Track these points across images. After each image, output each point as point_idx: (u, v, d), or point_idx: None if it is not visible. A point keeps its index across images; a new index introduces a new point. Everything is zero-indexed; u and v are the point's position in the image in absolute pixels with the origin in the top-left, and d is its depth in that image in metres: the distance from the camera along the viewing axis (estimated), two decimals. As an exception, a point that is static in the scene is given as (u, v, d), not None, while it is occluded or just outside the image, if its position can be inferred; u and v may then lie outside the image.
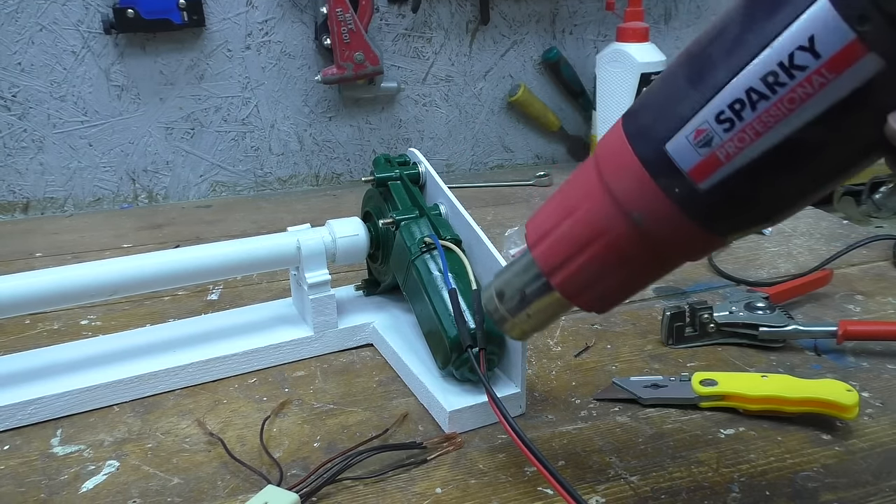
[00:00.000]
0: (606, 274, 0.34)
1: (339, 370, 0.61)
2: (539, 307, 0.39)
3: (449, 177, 1.21)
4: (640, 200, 0.31)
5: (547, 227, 0.36)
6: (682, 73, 0.30)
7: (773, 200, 0.31)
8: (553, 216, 0.36)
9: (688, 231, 0.31)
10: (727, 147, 0.28)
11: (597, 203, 0.33)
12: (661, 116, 0.30)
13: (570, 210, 0.35)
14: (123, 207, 1.09)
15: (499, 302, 0.40)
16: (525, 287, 0.38)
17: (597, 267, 0.34)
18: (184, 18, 1.00)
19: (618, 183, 0.32)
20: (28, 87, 1.00)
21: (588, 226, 0.34)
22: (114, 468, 0.49)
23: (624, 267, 0.34)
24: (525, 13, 1.19)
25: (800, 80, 0.26)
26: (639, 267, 0.34)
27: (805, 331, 0.61)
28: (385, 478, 0.47)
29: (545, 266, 0.36)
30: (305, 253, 0.60)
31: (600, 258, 0.34)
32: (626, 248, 0.33)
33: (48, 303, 0.55)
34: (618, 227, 0.32)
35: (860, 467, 0.47)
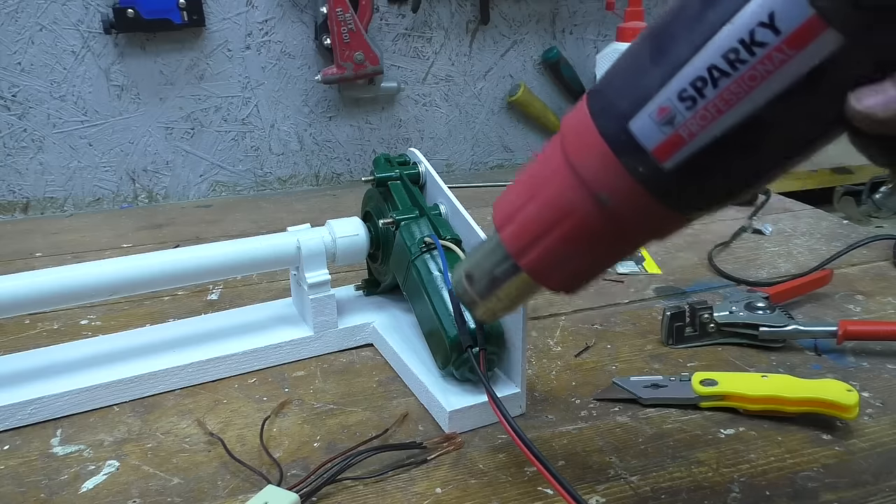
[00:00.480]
0: (574, 254, 0.34)
1: (339, 370, 0.61)
2: (508, 289, 0.38)
3: (449, 177, 1.21)
4: (605, 180, 0.31)
5: (513, 208, 0.35)
6: (645, 50, 0.30)
7: (737, 178, 0.30)
8: (519, 197, 0.35)
9: (653, 210, 0.31)
10: (690, 125, 0.28)
11: (562, 183, 0.32)
12: (625, 93, 0.30)
13: (536, 191, 0.34)
14: (123, 207, 1.09)
15: (468, 284, 0.39)
16: (493, 269, 0.38)
17: (564, 248, 0.34)
18: (184, 18, 1.00)
19: (582, 162, 0.31)
20: (28, 87, 1.00)
21: (554, 207, 0.33)
22: (114, 468, 0.49)
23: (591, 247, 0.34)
24: (525, 13, 1.19)
25: (761, 56, 0.26)
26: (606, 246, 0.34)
27: (805, 331, 0.61)
28: (385, 478, 0.47)
29: (512, 248, 0.36)
30: (305, 253, 0.60)
31: (567, 239, 0.33)
32: (593, 228, 0.32)
33: (48, 303, 0.55)
34: (584, 207, 0.32)
35: (860, 467, 0.47)
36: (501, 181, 1.15)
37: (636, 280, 0.77)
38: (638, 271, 0.79)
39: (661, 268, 0.80)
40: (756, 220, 0.93)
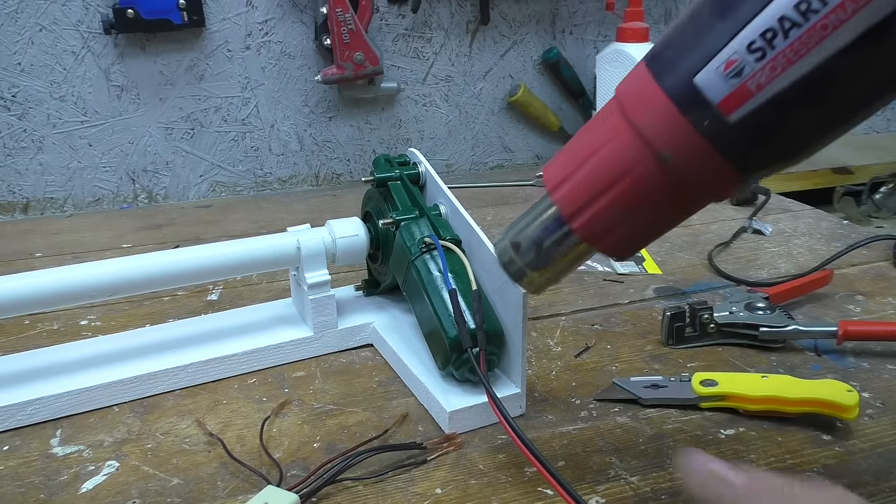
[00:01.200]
0: (630, 215, 0.33)
1: (339, 370, 0.61)
2: (558, 255, 0.37)
3: (449, 177, 1.21)
4: (669, 137, 0.30)
5: (568, 170, 0.35)
6: (707, 9, 0.30)
7: (801, 133, 0.30)
8: (574, 159, 0.34)
9: (715, 166, 0.31)
10: (758, 77, 0.28)
11: (622, 142, 0.32)
12: (689, 51, 0.30)
13: (593, 151, 0.33)
14: (123, 207, 1.09)
15: (514, 253, 0.38)
16: (544, 235, 0.37)
17: (620, 208, 0.33)
18: (184, 18, 1.00)
19: (644, 120, 0.31)
20: (28, 87, 1.00)
21: (613, 165, 0.33)
22: (113, 468, 0.49)
23: (648, 207, 0.33)
24: (525, 13, 1.19)
25: (832, 6, 0.26)
26: (663, 207, 0.33)
27: (805, 331, 0.61)
28: (385, 478, 0.47)
29: (566, 210, 0.35)
30: (305, 253, 0.60)
31: (624, 198, 0.33)
32: (652, 186, 0.32)
33: (48, 303, 0.55)
34: (644, 165, 0.32)
35: (861, 468, 0.47)
36: (501, 181, 1.15)
37: (636, 280, 0.77)
38: (638, 271, 0.79)
39: (661, 268, 0.80)
40: (756, 220, 0.93)
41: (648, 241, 0.36)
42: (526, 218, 0.38)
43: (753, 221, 0.92)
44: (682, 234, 0.90)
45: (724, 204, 1.01)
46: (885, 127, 1.49)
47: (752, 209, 0.96)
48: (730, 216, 0.96)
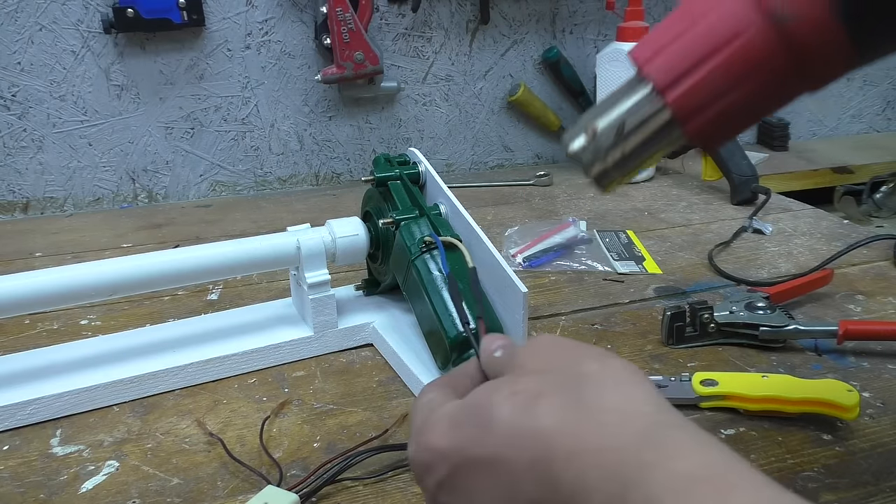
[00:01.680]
0: (732, 87, 0.31)
1: (339, 370, 0.61)
2: (642, 137, 0.34)
3: (449, 177, 1.21)
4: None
5: (665, 39, 0.32)
6: None
7: None
8: (673, 28, 0.32)
9: (831, 32, 0.29)
10: None
11: (732, 5, 0.30)
12: None
13: (697, 18, 0.31)
14: (123, 207, 1.09)
15: (589, 138, 0.35)
16: (629, 112, 0.34)
17: (723, 77, 0.31)
18: (183, 18, 1.00)
19: None
20: (28, 87, 1.00)
21: (720, 29, 0.30)
22: (113, 468, 0.49)
23: (753, 78, 0.31)
24: (525, 13, 1.19)
25: None
26: (768, 80, 0.31)
27: (805, 331, 0.61)
28: (385, 478, 0.47)
29: (662, 79, 0.32)
30: (305, 253, 0.60)
31: (729, 65, 0.31)
32: (761, 52, 0.30)
33: (48, 303, 0.55)
34: (756, 26, 0.30)
35: (861, 468, 0.47)
36: (501, 181, 1.15)
37: (636, 280, 0.77)
38: (638, 271, 0.79)
39: (661, 268, 0.80)
40: (756, 219, 0.93)
41: (741, 127, 0.34)
42: (607, 101, 0.35)
43: (754, 221, 0.92)
44: (682, 233, 0.90)
45: (724, 203, 1.01)
46: (886, 126, 1.49)
47: (753, 209, 0.96)
48: (730, 216, 0.96)
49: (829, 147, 1.37)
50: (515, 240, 0.86)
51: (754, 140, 1.40)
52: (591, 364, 0.28)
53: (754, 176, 1.00)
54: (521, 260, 0.81)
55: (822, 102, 1.42)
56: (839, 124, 1.45)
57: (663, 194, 1.07)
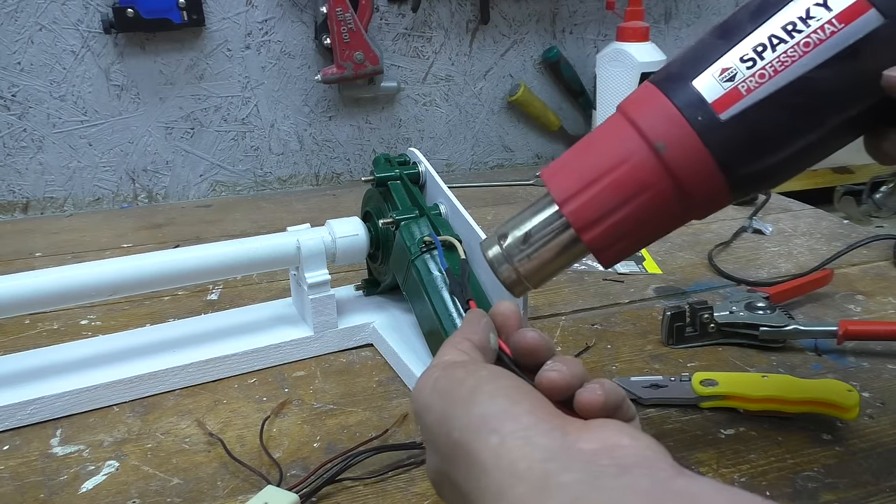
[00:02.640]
0: (622, 203, 0.35)
1: (339, 370, 0.61)
2: (556, 263, 0.38)
3: (449, 177, 1.21)
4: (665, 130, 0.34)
5: (580, 183, 0.36)
6: (709, 35, 0.35)
7: (784, 140, 0.34)
8: (586, 173, 0.36)
9: (707, 169, 0.33)
10: (748, 82, 0.33)
11: (642, 157, 0.34)
12: (689, 63, 0.34)
13: (609, 168, 0.35)
14: (123, 207, 1.09)
15: (508, 259, 0.40)
16: (535, 224, 0.38)
17: (613, 194, 0.35)
18: (183, 18, 1.00)
19: (645, 119, 0.34)
20: (28, 87, 1.00)
21: (632, 181, 0.35)
22: (113, 468, 0.49)
23: (641, 197, 0.35)
24: (525, 13, 1.19)
25: (814, 27, 0.32)
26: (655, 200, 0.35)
27: (805, 331, 0.61)
28: (385, 478, 0.47)
29: (578, 223, 0.36)
30: (305, 253, 0.60)
31: (619, 184, 0.35)
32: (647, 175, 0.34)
33: (48, 303, 0.55)
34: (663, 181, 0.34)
35: (861, 468, 0.47)
36: (501, 181, 1.15)
37: (636, 280, 0.77)
38: (638, 271, 0.79)
39: (661, 268, 0.80)
40: (756, 220, 0.93)
41: (633, 246, 0.38)
42: (519, 215, 0.39)
43: (753, 221, 0.92)
44: (682, 233, 0.90)
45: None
46: (886, 126, 1.49)
47: (753, 209, 0.96)
48: (730, 216, 0.96)
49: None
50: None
51: (754, 140, 1.40)
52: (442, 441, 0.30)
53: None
54: (521, 260, 0.81)
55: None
56: (839, 124, 1.44)
57: (663, 194, 1.06)
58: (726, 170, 0.34)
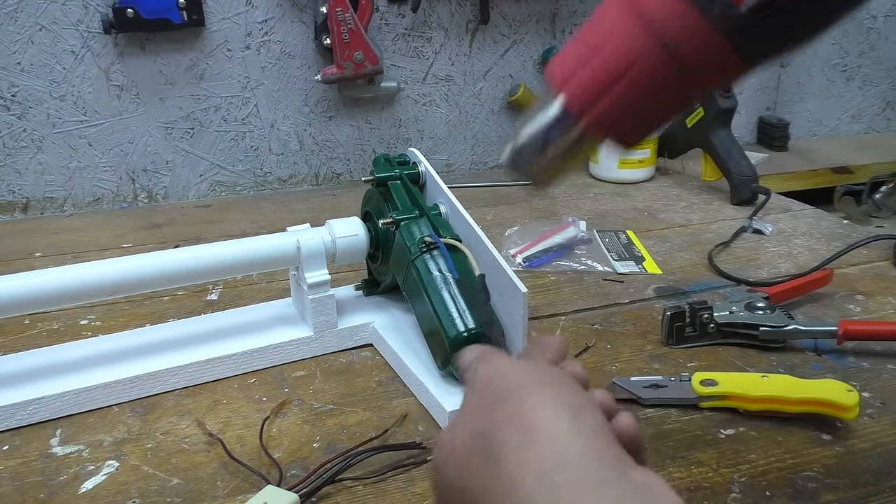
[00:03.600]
0: (617, 78, 0.35)
1: (338, 370, 0.61)
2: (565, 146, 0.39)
3: (449, 177, 1.21)
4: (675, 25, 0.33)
5: (574, 65, 0.36)
6: None
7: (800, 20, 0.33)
8: (581, 53, 0.36)
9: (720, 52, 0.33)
10: None
11: (628, 35, 0.34)
12: None
13: (600, 46, 0.35)
14: (123, 207, 1.09)
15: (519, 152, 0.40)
16: (550, 129, 0.38)
17: (606, 71, 0.35)
18: (183, 18, 1.00)
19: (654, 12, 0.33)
20: (28, 87, 1.00)
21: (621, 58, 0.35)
22: (113, 468, 0.49)
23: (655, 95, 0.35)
24: (525, 13, 1.19)
25: None
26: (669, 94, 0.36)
27: (805, 331, 0.61)
28: (385, 478, 0.47)
29: (575, 105, 0.37)
30: (305, 253, 0.60)
31: (631, 89, 0.35)
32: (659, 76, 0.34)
33: (48, 303, 0.55)
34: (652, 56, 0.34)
35: (861, 468, 0.47)
36: (501, 181, 1.15)
37: (636, 280, 0.77)
38: (638, 271, 0.79)
39: (661, 268, 0.80)
40: (756, 219, 0.93)
41: (659, 127, 0.38)
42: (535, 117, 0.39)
43: (753, 221, 0.92)
44: (682, 233, 0.90)
45: (724, 204, 1.01)
46: (886, 126, 1.49)
47: (752, 209, 0.96)
48: (730, 216, 0.96)
49: (829, 147, 1.37)
50: (515, 240, 0.86)
51: (754, 140, 1.40)
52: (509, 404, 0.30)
53: (754, 176, 1.00)
54: (520, 260, 0.81)
55: (823, 102, 1.42)
56: (839, 124, 1.45)
57: (663, 194, 1.07)
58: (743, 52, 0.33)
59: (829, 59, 1.40)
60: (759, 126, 1.39)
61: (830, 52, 1.40)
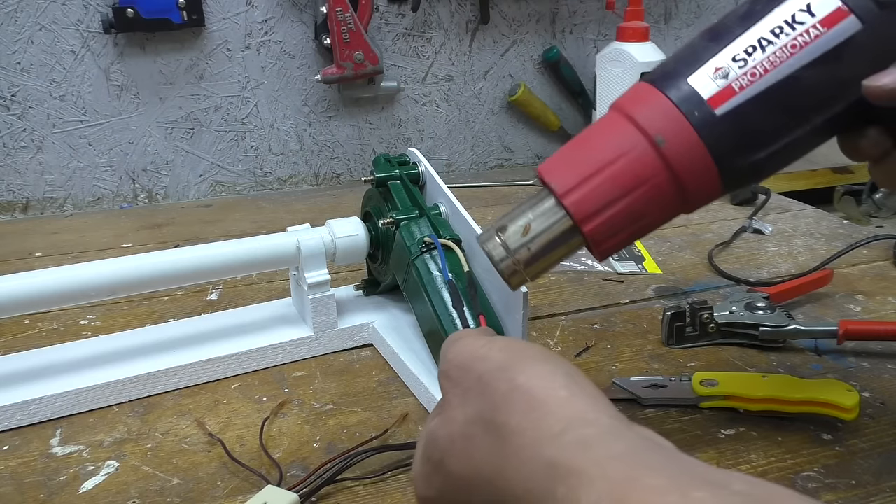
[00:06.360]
0: (621, 195, 0.36)
1: (338, 370, 0.61)
2: (555, 255, 0.39)
3: (449, 177, 1.21)
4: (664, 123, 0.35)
5: (580, 176, 0.37)
6: (700, 38, 0.37)
7: (774, 135, 0.36)
8: (585, 166, 0.37)
9: (701, 158, 0.35)
10: (741, 80, 0.35)
11: (641, 150, 0.36)
12: (683, 62, 0.36)
13: (609, 160, 0.36)
14: (123, 207, 1.09)
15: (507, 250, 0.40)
16: (546, 232, 0.38)
17: (613, 186, 0.36)
18: (183, 18, 1.00)
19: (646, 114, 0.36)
20: (27, 87, 1.00)
21: (632, 173, 0.36)
22: (113, 468, 0.49)
23: (654, 212, 0.37)
24: (525, 13, 1.19)
25: (799, 31, 0.35)
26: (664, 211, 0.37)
27: (805, 331, 0.61)
28: (385, 478, 0.47)
29: (579, 214, 0.37)
30: (305, 253, 0.60)
31: (618, 177, 0.36)
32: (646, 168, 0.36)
33: (48, 303, 0.55)
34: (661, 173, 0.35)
35: (861, 468, 0.47)
36: (501, 181, 1.15)
37: (636, 280, 0.77)
38: (638, 271, 0.79)
39: (661, 268, 0.80)
40: (756, 219, 0.93)
41: (629, 237, 0.39)
42: (516, 209, 0.40)
43: (753, 221, 0.92)
44: (683, 233, 0.90)
45: (724, 203, 1.01)
46: (886, 126, 1.49)
47: (753, 209, 0.96)
48: (730, 216, 0.96)
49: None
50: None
51: (754, 140, 1.40)
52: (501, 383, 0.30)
53: (754, 176, 1.00)
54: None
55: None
56: (839, 124, 1.44)
57: (663, 194, 1.06)
58: (721, 162, 0.35)
59: (829, 58, 1.40)
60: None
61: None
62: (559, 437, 0.26)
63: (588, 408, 0.28)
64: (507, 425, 0.29)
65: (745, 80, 0.35)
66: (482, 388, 0.31)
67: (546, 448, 0.26)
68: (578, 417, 0.27)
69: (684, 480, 0.22)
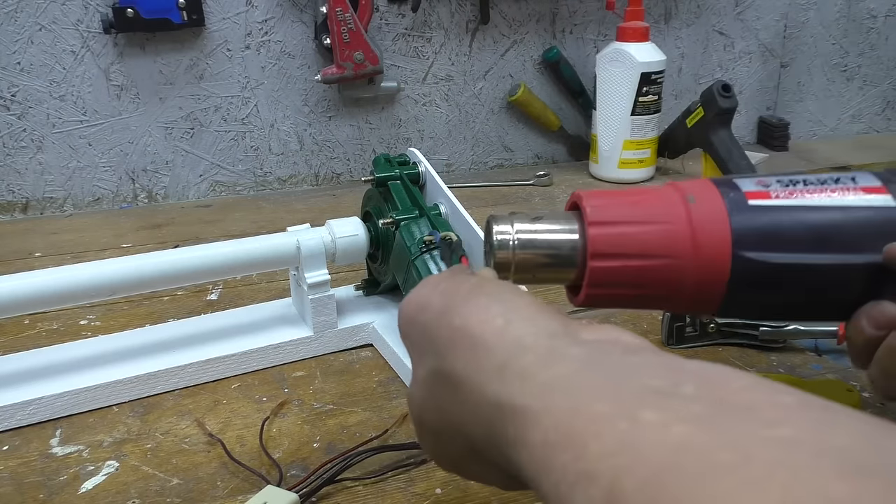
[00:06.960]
0: (638, 285, 0.37)
1: (338, 370, 0.61)
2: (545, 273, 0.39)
3: (449, 177, 1.21)
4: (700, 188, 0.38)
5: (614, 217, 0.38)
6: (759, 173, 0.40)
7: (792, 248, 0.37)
8: (625, 212, 0.38)
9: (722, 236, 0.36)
10: (779, 192, 0.38)
11: (679, 226, 0.37)
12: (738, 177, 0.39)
13: (647, 219, 0.37)
14: (123, 207, 1.09)
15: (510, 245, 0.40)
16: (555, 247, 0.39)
17: (639, 276, 0.37)
18: (183, 18, 1.00)
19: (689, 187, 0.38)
20: (27, 87, 1.00)
21: (660, 242, 0.37)
22: (113, 469, 0.49)
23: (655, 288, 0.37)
24: (525, 13, 1.19)
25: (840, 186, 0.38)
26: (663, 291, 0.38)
27: (805, 331, 0.61)
28: (385, 478, 0.47)
29: (595, 247, 0.37)
30: (305, 253, 0.60)
31: (649, 272, 0.37)
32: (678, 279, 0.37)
33: (47, 303, 0.55)
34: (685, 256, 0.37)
35: (861, 468, 0.47)
36: (501, 181, 1.15)
37: (636, 280, 0.77)
38: (638, 271, 0.79)
39: (661, 268, 0.80)
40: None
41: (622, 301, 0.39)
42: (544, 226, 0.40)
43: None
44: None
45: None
46: (886, 126, 1.49)
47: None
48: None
49: (829, 147, 1.37)
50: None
51: (754, 140, 1.40)
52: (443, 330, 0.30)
53: (754, 176, 1.00)
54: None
55: (823, 102, 1.42)
56: (839, 124, 1.45)
57: (663, 194, 1.06)
58: (737, 244, 0.36)
59: (829, 58, 1.40)
60: (760, 126, 1.39)
61: (830, 52, 1.40)
62: (500, 374, 0.25)
63: (526, 331, 0.26)
64: (454, 373, 0.28)
65: (782, 193, 0.37)
66: (428, 340, 0.30)
67: (490, 388, 0.25)
68: (515, 346, 0.26)
69: (631, 398, 0.21)
